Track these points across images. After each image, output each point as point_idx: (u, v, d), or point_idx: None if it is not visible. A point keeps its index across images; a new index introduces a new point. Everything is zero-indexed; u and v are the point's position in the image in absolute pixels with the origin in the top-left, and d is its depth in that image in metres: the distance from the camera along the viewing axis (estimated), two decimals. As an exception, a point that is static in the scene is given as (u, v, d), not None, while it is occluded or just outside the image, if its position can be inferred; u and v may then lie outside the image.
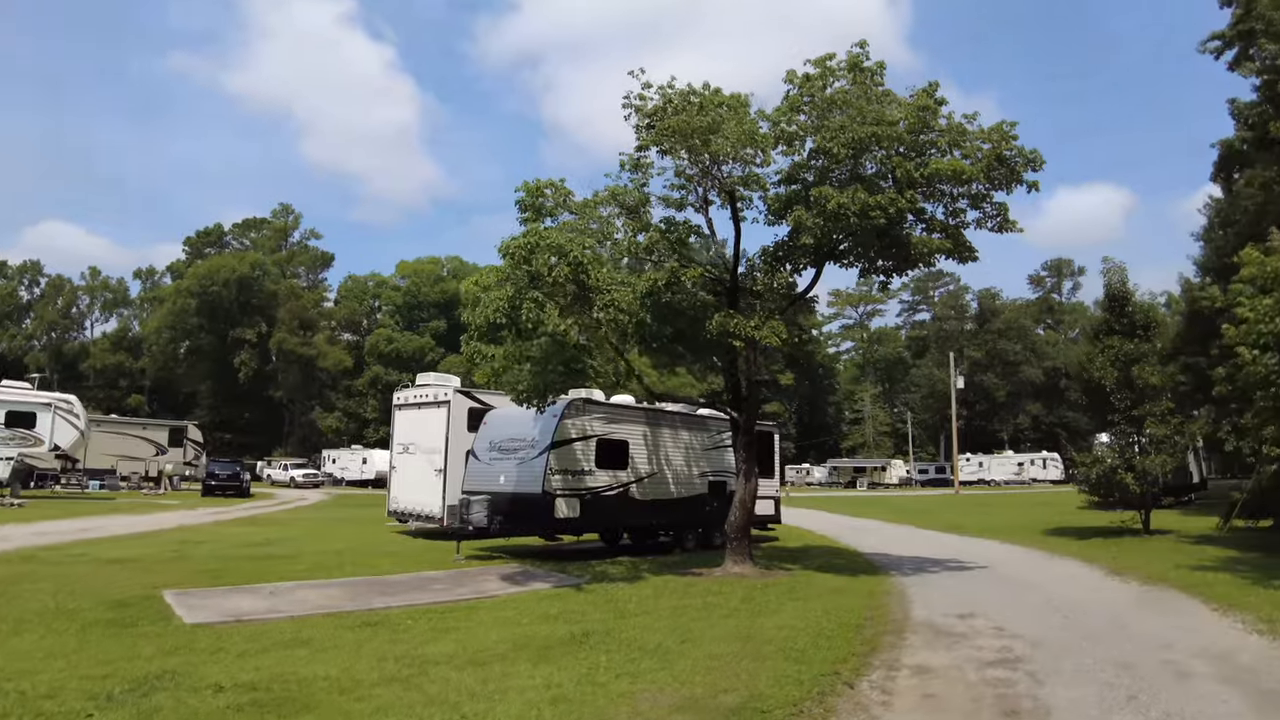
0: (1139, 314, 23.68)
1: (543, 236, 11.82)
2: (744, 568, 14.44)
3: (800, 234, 13.58)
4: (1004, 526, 26.47)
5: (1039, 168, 14.45)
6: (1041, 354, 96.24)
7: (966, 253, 15.11)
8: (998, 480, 77.22)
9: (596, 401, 18.18)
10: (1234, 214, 41.34)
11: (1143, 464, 21.21)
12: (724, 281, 15.25)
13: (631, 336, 14.11)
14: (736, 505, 14.91)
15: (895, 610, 11.41)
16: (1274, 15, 33.40)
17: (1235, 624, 10.08)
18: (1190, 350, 36.26)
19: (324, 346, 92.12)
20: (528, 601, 11.90)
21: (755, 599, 11.83)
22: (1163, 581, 13.45)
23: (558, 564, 16.27)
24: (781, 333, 13.31)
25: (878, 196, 12.90)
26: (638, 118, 14.06)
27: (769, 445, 22.30)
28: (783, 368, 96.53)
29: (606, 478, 17.57)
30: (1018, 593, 13.01)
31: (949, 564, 17.03)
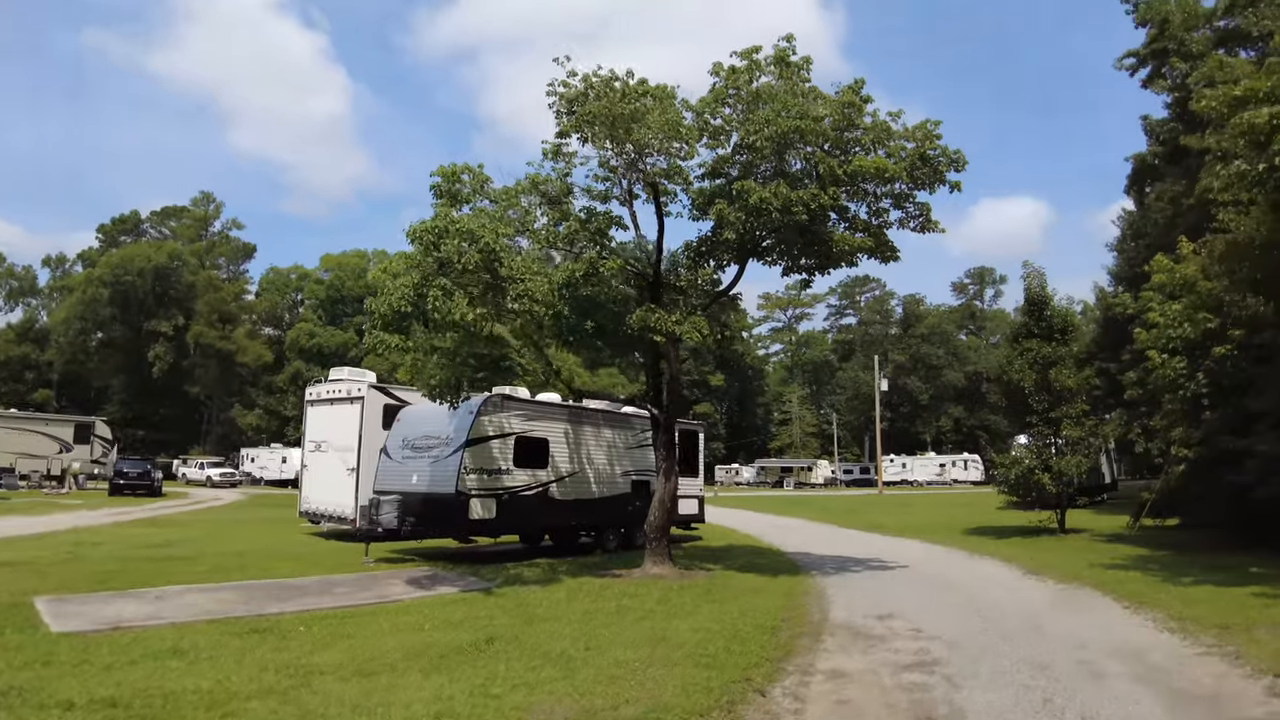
0: (1057, 318, 24.13)
1: (453, 221, 11.24)
2: (663, 568, 14.06)
3: (723, 228, 13.27)
4: (925, 526, 26.74)
5: (961, 168, 14.45)
6: (963, 359, 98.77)
7: (889, 252, 15.03)
8: (920, 481, 78.80)
9: (515, 398, 17.60)
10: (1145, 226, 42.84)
11: (1059, 465, 21.61)
12: (647, 276, 14.86)
13: (548, 329, 13.61)
14: (656, 505, 14.54)
15: (814, 611, 11.16)
16: (1185, 36, 34.79)
17: (1146, 622, 10.09)
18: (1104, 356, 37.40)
19: (244, 341, 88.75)
20: (432, 607, 11.29)
21: (671, 601, 11.45)
22: (1077, 580, 13.53)
23: (471, 567, 15.65)
24: (703, 329, 12.98)
25: (800, 192, 12.68)
26: (559, 104, 13.58)
27: (694, 444, 22.04)
28: (713, 368, 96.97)
29: (525, 477, 17.01)
30: (937, 593, 12.93)
31: (870, 563, 16.96)
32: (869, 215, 15.04)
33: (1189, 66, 33.12)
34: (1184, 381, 17.42)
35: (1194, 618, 9.95)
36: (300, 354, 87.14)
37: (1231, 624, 9.50)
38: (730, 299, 16.18)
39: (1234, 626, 9.38)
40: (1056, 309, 24.53)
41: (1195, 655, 8.37)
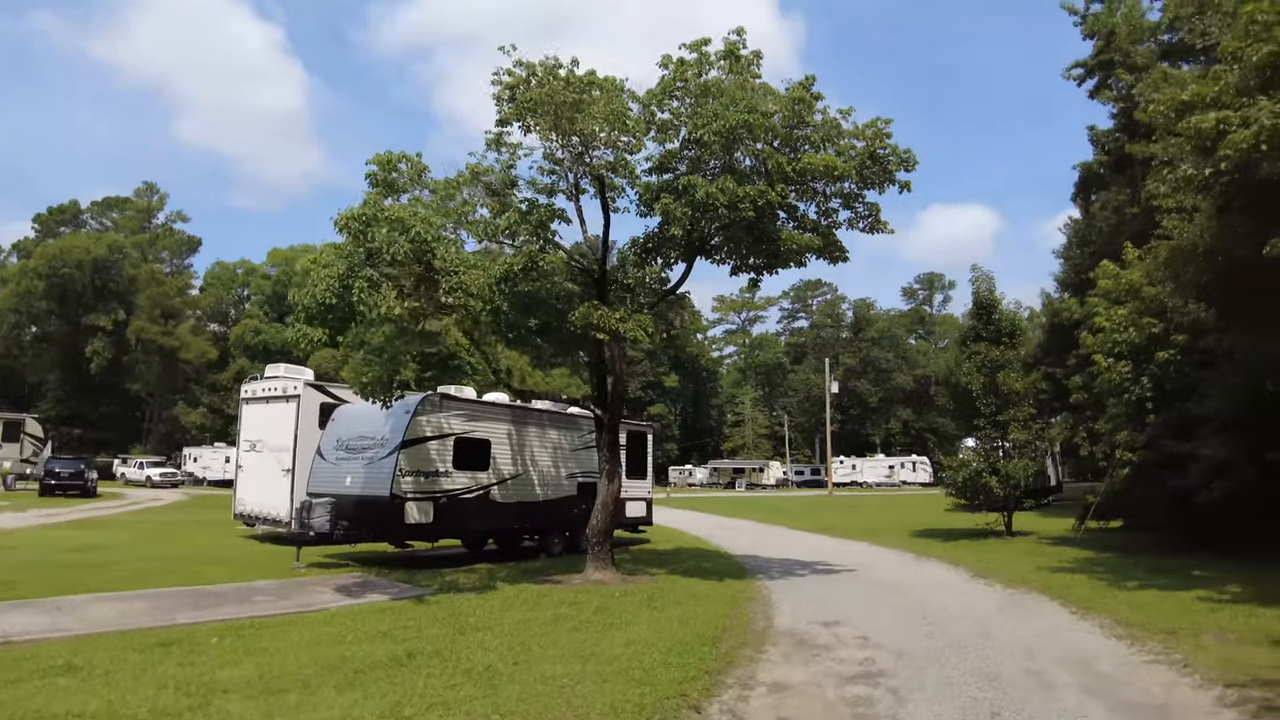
0: (1005, 322, 24.20)
1: (382, 208, 10.66)
2: (605, 574, 13.60)
3: (670, 224, 12.87)
4: (874, 528, 26.66)
5: (912, 168, 14.24)
6: (913, 362, 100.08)
7: (838, 252, 14.78)
8: (869, 482, 79.49)
9: (455, 397, 17.00)
10: (1091, 234, 43.60)
11: (1006, 468, 21.63)
12: (592, 272, 14.41)
13: (486, 325, 13.06)
14: (599, 508, 14.07)
15: (758, 618, 10.80)
16: (1131, 49, 35.48)
17: (1094, 628, 9.90)
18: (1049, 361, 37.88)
19: (187, 337, 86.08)
20: (358, 616, 10.70)
21: (611, 609, 10.99)
22: (1025, 584, 13.38)
23: (407, 573, 15.03)
24: (648, 327, 12.55)
25: (747, 188, 12.33)
26: (500, 90, 13.06)
27: (642, 445, 21.63)
28: (668, 370, 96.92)
29: (465, 479, 16.42)
30: (884, 597, 12.67)
31: (818, 567, 16.70)
32: (818, 215, 14.79)
33: (1134, 78, 33.77)
34: (1129, 385, 17.48)
35: (1141, 623, 9.78)
36: (245, 351, 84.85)
37: (1178, 629, 9.35)
38: (678, 298, 15.77)
39: (1181, 632, 9.22)
40: (1004, 313, 24.61)
41: (1143, 663, 8.16)
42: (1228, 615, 10.04)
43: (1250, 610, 10.24)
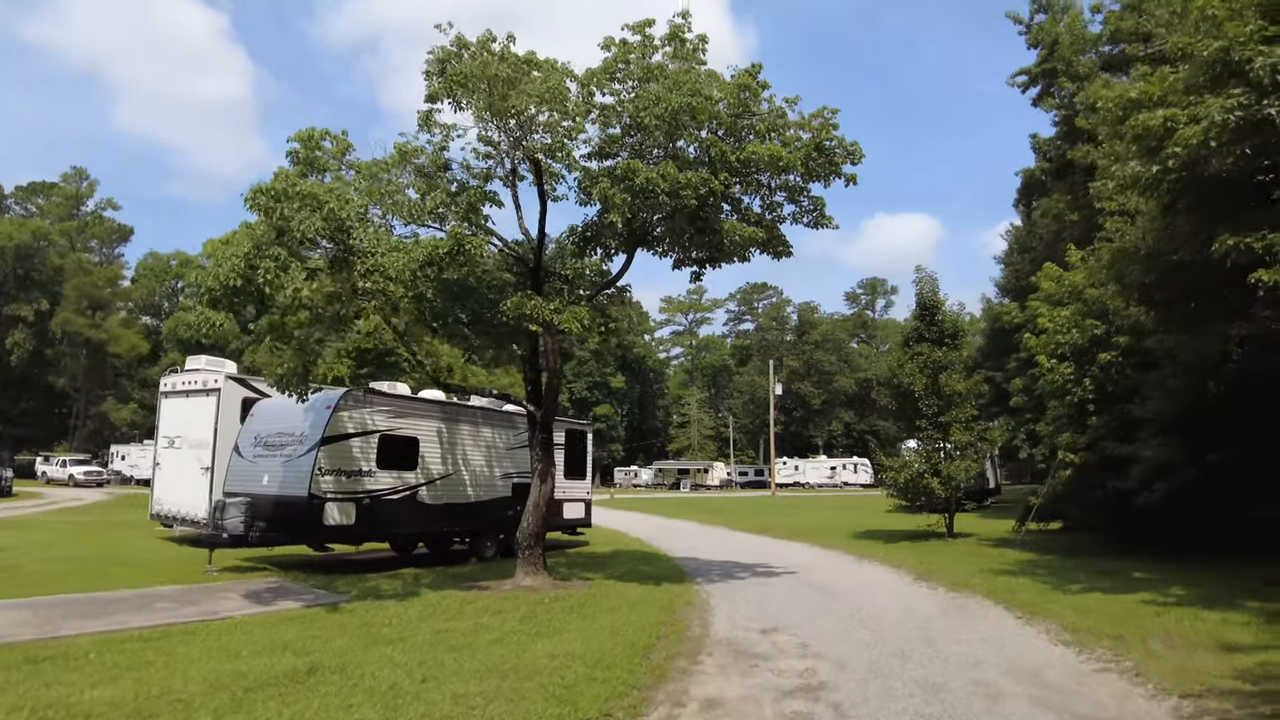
0: (947, 323, 24.11)
1: (293, 184, 9.83)
2: (536, 579, 12.92)
3: (609, 211, 12.24)
4: (815, 528, 26.37)
5: (858, 160, 13.84)
6: (855, 366, 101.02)
7: (781, 247, 14.32)
8: (812, 483, 79.91)
9: (380, 392, 16.14)
10: (1031, 240, 44.38)
11: (948, 469, 21.47)
12: (527, 262, 13.74)
13: (407, 313, 12.26)
14: (530, 509, 13.38)
15: (694, 625, 10.24)
16: (1073, 58, 36.10)
17: (1040, 633, 9.53)
18: (989, 365, 38.32)
19: (117, 330, 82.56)
20: (263, 625, 9.87)
21: (538, 617, 10.32)
22: (968, 588, 13.04)
23: (327, 578, 14.15)
24: (584, 319, 11.88)
25: (689, 174, 11.76)
26: (430, 64, 12.31)
27: (582, 445, 20.97)
28: (614, 370, 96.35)
29: (390, 479, 15.56)
30: (825, 602, 12.20)
31: (758, 569, 16.23)
32: (762, 209, 14.35)
33: (1076, 87, 34.38)
34: (1071, 387, 17.39)
35: (1088, 628, 9.45)
36: (179, 345, 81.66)
37: (1125, 634, 9.03)
38: (619, 291, 15.15)
39: (1128, 637, 8.89)
40: (947, 314, 24.55)
41: (1093, 672, 7.77)
42: (1173, 618, 9.78)
43: (1195, 613, 9.99)
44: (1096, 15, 35.55)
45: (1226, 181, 11.01)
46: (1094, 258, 17.63)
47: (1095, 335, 17.25)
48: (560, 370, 13.54)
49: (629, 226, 13.39)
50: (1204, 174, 10.92)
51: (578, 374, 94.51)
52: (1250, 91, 10.13)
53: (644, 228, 13.51)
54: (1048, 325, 18.72)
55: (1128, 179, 11.92)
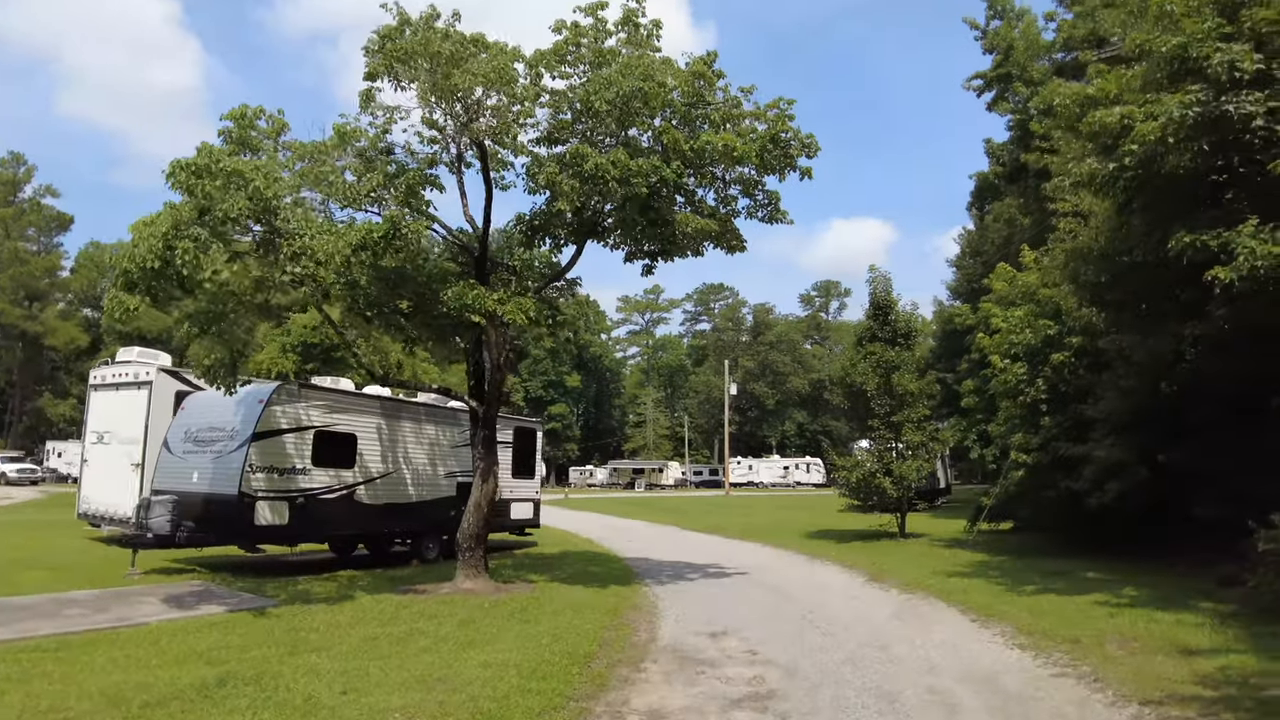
0: (900, 323, 24.00)
1: (216, 159, 9.18)
2: (477, 582, 12.38)
3: (557, 199, 11.76)
4: (768, 528, 26.14)
5: (814, 153, 13.52)
6: (808, 367, 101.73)
7: (735, 241, 13.97)
8: (766, 482, 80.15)
9: (317, 386, 15.44)
10: (983, 244, 44.89)
11: (900, 469, 21.33)
12: (472, 250, 13.20)
13: (338, 299, 11.63)
14: (470, 509, 12.82)
15: (640, 630, 9.81)
16: (1028, 63, 36.52)
17: (995, 636, 9.26)
18: (941, 366, 38.61)
19: (55, 322, 79.62)
20: (181, 632, 9.20)
21: (475, 623, 9.79)
22: (921, 589, 12.80)
23: (257, 580, 13.43)
24: (530, 310, 11.36)
25: (640, 161, 11.32)
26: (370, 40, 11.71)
27: (531, 443, 20.39)
28: (570, 369, 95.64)
29: (326, 478, 14.87)
30: (776, 604, 11.85)
31: (709, 570, 15.86)
32: (717, 202, 13.98)
33: (1030, 91, 34.73)
34: (1024, 387, 17.32)
35: (1044, 631, 9.20)
36: (120, 338, 79.10)
37: (1081, 637, 8.79)
38: (569, 283, 14.65)
39: (1085, 640, 8.65)
40: (901, 314, 24.42)
41: (1051, 677, 7.49)
42: (1128, 620, 9.59)
43: (1149, 614, 9.82)
44: (1050, 23, 35.99)
45: (1181, 180, 10.90)
46: (1048, 258, 17.62)
47: (1048, 336, 17.21)
48: (505, 365, 13.02)
49: (579, 216, 12.94)
50: (1160, 171, 10.80)
51: (532, 372, 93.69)
52: (1208, 88, 10.02)
53: (594, 218, 13.06)
54: (1001, 325, 18.66)
55: (1084, 176, 11.78)
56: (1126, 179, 11.17)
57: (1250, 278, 9.17)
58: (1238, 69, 9.74)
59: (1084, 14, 30.92)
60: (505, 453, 19.10)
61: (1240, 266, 9.20)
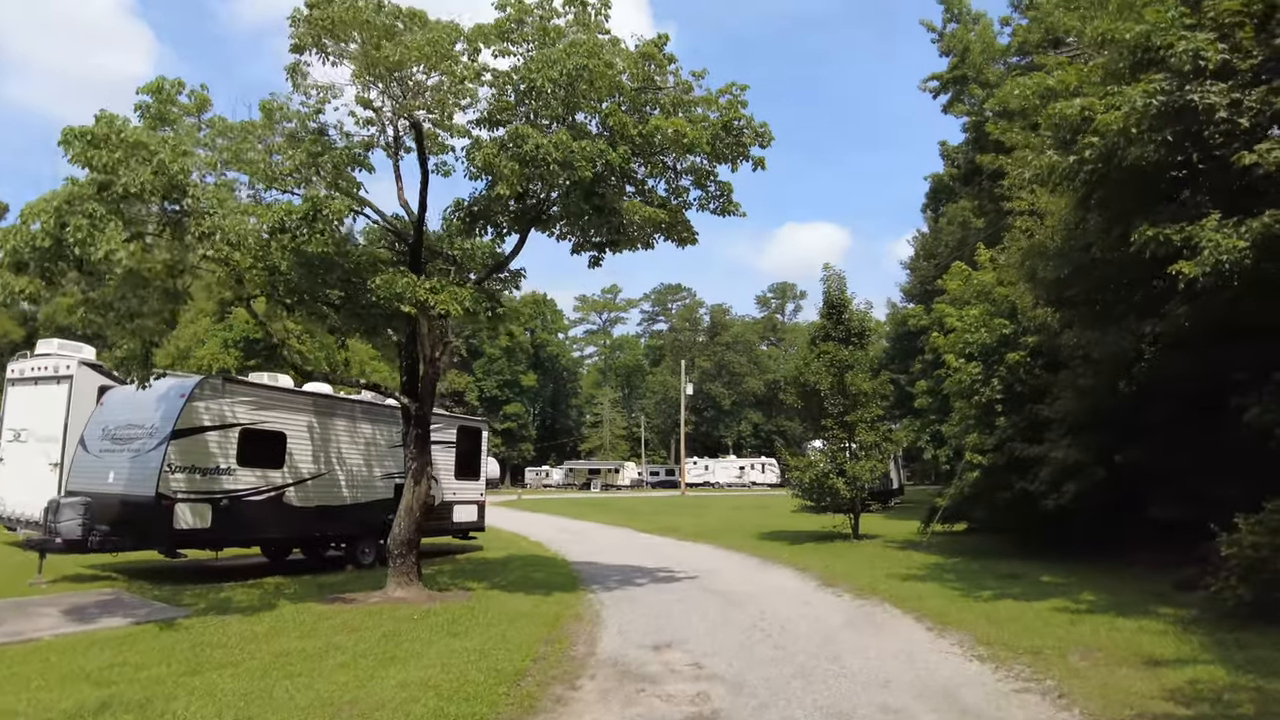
0: (854, 322, 23.69)
1: (117, 128, 8.34)
2: (409, 591, 11.64)
3: (497, 183, 11.08)
4: (721, 529, 25.68)
5: (767, 143, 13.03)
6: (764, 368, 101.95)
7: (686, 233, 13.41)
8: (721, 483, 79.98)
9: (243, 381, 14.55)
10: (937, 247, 45.10)
11: (853, 469, 20.98)
12: (406, 237, 12.47)
13: (255, 284, 10.81)
14: (402, 513, 12.07)
15: (579, 642, 9.19)
16: (984, 64, 36.67)
17: (953, 646, 8.78)
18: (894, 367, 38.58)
19: (-16, 314, 76.68)
20: (73, 649, 8.36)
21: (401, 636, 9.08)
22: (875, 594, 12.35)
23: (176, 588, 12.53)
24: (465, 301, 10.64)
25: (583, 143, 10.67)
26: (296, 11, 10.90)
27: (475, 443, 19.61)
28: (526, 369, 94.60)
29: (253, 478, 14.01)
30: (726, 611, 11.30)
31: (658, 574, 15.29)
32: (668, 193, 13.43)
33: (986, 94, 34.85)
34: (979, 387, 17.04)
35: (1003, 641, 8.75)
36: (58, 332, 76.12)
37: (1043, 647, 8.35)
38: (513, 275, 13.94)
39: (1046, 651, 8.22)
40: (854, 313, 24.12)
41: (1014, 692, 7.02)
42: (1089, 628, 9.19)
43: (1110, 621, 9.44)
44: (1006, 28, 36.16)
45: (1142, 175, 10.59)
46: (1004, 255, 17.36)
47: (1004, 335, 16.94)
48: (439, 359, 12.29)
49: (521, 203, 12.29)
50: (1121, 165, 10.46)
51: (487, 371, 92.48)
52: (1171, 78, 9.70)
53: (538, 205, 12.41)
54: (956, 325, 18.38)
55: (1044, 169, 11.43)
56: (1087, 172, 10.84)
57: (1215, 272, 8.85)
58: (1202, 58, 9.43)
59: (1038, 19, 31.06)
60: (448, 453, 18.35)
61: (1205, 261, 8.86)
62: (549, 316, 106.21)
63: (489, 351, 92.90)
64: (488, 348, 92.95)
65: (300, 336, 41.88)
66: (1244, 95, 9.54)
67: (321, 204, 9.49)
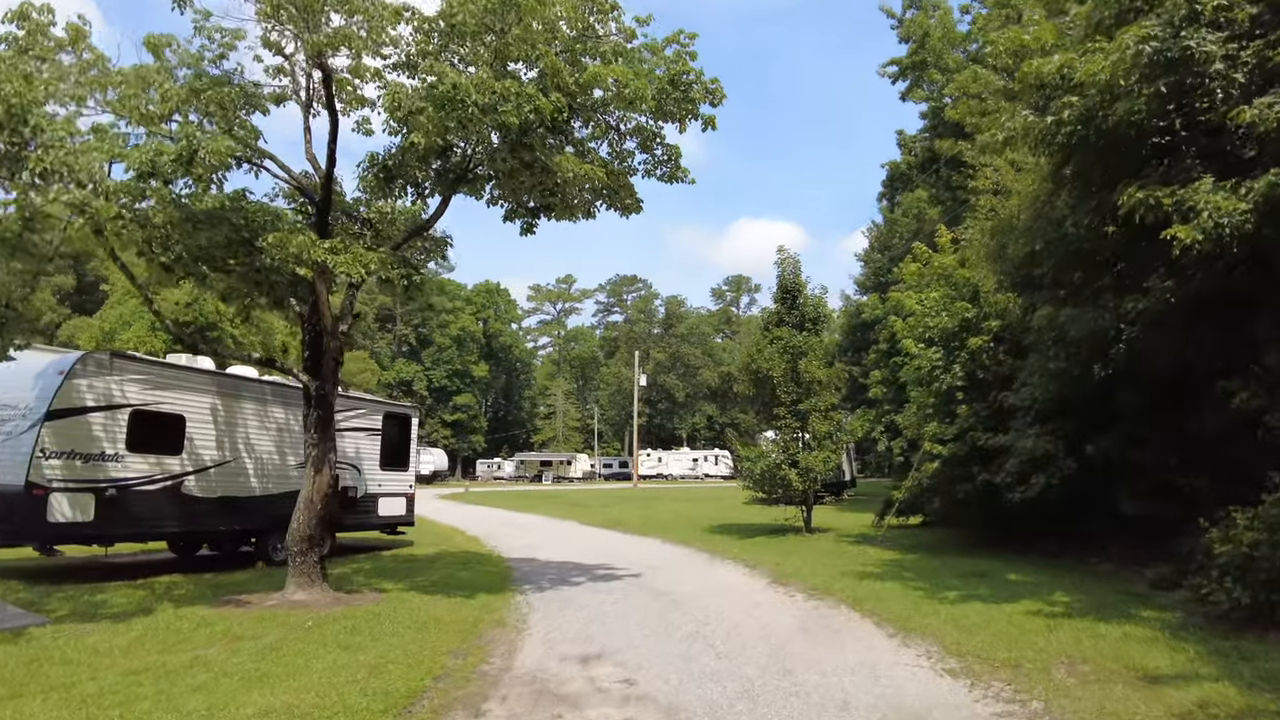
0: (809, 307, 22.68)
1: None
2: (310, 593, 10.31)
3: (412, 130, 9.78)
4: (671, 522, 24.60)
5: (718, 101, 11.90)
6: (718, 360, 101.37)
7: (629, 198, 12.23)
8: (675, 474, 79.09)
9: (133, 357, 13.05)
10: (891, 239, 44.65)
11: (806, 460, 19.99)
12: (312, 195, 11.11)
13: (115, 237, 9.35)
14: (300, 507, 10.69)
15: (496, 654, 7.99)
16: (943, 49, 36.13)
17: (920, 658, 7.72)
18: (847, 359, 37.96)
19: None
20: (-124, 668, 6.96)
21: (283, 648, 7.77)
22: (830, 594, 11.32)
23: (48, 589, 11.06)
24: (370, 264, 9.31)
25: (507, 83, 9.39)
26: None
27: (404, 431, 18.21)
28: (477, 359, 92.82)
29: (145, 465, 12.55)
30: (667, 615, 10.17)
31: (598, 572, 14.14)
32: (611, 157, 12.26)
33: (945, 79, 34.34)
34: (939, 374, 16.14)
35: (975, 651, 7.71)
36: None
37: (1022, 660, 7.33)
38: (437, 242, 12.62)
39: (1026, 664, 7.20)
40: (809, 298, 23.07)
41: (995, 717, 5.97)
42: (1069, 635, 8.19)
43: (1091, 628, 8.46)
44: (966, 15, 35.68)
45: (1125, 139, 9.70)
46: (971, 231, 16.50)
47: (966, 319, 16.04)
48: (345, 332, 10.96)
49: (444, 160, 11.00)
50: (1103, 126, 9.55)
51: (436, 361, 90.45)
52: (1165, 25, 8.78)
53: (463, 163, 11.12)
54: (916, 308, 17.47)
55: (1019, 130, 10.45)
56: (1065, 134, 9.89)
57: (1214, 238, 7.93)
58: (1198, 3, 8.51)
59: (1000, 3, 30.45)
60: (373, 441, 16.99)
61: (1204, 224, 7.94)
62: (502, 306, 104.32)
63: (439, 341, 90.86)
64: (437, 336, 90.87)
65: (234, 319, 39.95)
66: (1240, 48, 8.68)
67: (199, 144, 8.10)
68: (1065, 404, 12.65)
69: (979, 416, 15.01)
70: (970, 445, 14.77)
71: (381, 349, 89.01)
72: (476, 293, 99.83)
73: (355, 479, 16.38)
